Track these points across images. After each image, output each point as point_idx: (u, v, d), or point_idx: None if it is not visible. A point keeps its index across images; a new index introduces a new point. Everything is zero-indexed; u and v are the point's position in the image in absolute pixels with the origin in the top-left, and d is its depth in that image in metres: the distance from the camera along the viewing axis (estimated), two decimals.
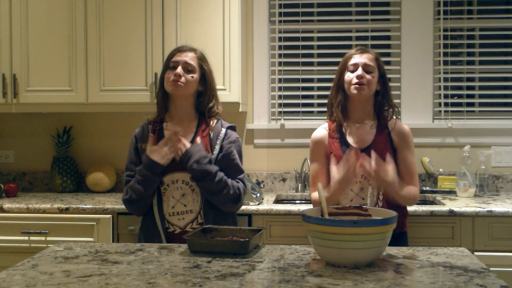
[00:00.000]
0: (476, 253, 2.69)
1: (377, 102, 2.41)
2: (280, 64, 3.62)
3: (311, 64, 3.65)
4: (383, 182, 2.23)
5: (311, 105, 3.65)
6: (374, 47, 3.49)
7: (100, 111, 3.39)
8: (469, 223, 2.81)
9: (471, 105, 3.58)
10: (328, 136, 2.42)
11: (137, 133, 2.38)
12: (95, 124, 3.65)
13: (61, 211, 2.96)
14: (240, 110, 3.26)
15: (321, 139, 2.43)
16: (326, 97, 2.55)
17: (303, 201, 3.37)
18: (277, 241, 2.83)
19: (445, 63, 3.54)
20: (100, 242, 2.84)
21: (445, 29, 3.52)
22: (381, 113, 2.43)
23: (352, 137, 2.38)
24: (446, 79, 3.55)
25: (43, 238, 2.94)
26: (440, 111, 3.54)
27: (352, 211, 1.80)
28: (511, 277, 2.57)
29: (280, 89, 3.62)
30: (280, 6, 3.60)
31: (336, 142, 2.38)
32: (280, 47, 3.61)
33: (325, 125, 2.47)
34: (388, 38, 3.61)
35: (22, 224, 2.95)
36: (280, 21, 3.60)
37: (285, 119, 3.58)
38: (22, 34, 3.27)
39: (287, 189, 3.56)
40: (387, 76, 2.44)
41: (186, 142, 2.24)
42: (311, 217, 1.61)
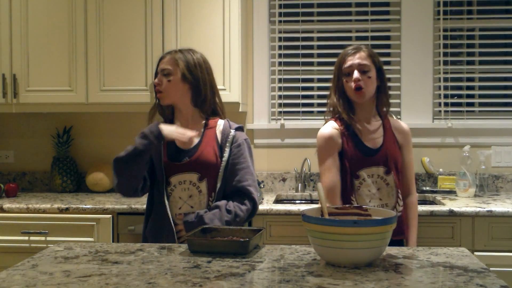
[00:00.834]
0: (476, 253, 2.69)
1: (378, 98, 2.40)
2: (280, 64, 3.62)
3: (311, 64, 3.65)
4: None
5: (311, 105, 3.65)
6: (374, 47, 3.49)
7: (100, 111, 3.39)
8: (469, 223, 2.81)
9: (471, 105, 3.58)
10: (340, 135, 2.35)
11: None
12: (95, 124, 3.65)
13: (61, 211, 2.96)
14: (240, 110, 3.26)
15: (333, 136, 2.35)
16: (326, 97, 2.54)
17: (303, 201, 3.37)
18: (277, 241, 2.83)
19: (445, 63, 3.54)
20: (100, 242, 2.84)
21: (445, 29, 3.52)
22: (381, 110, 2.42)
23: (363, 136, 2.36)
24: (446, 79, 3.55)
25: (43, 238, 2.94)
26: (440, 111, 3.54)
27: (352, 211, 1.80)
28: (511, 277, 2.57)
29: (280, 89, 3.62)
30: (280, 6, 3.61)
31: (350, 141, 2.34)
32: (280, 47, 3.61)
33: (333, 123, 2.40)
34: (388, 38, 3.61)
35: (22, 224, 2.95)
36: (280, 21, 3.60)
37: (285, 119, 3.58)
38: (22, 34, 3.27)
39: (287, 189, 3.56)
40: (385, 72, 2.41)
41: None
42: (311, 217, 1.61)
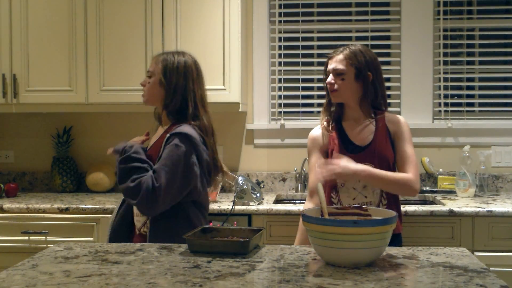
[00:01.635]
0: (476, 253, 2.69)
1: (366, 98, 2.36)
2: (280, 64, 3.62)
3: (311, 64, 3.65)
4: (349, 175, 2.23)
5: (311, 105, 3.65)
6: (374, 47, 3.49)
7: (100, 111, 3.40)
8: (469, 223, 2.81)
9: (471, 105, 3.58)
10: (328, 134, 2.41)
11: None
12: (95, 124, 3.65)
13: (61, 211, 2.96)
14: (240, 110, 3.26)
15: (316, 136, 2.45)
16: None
17: (303, 201, 3.36)
18: (277, 241, 2.83)
19: (445, 63, 3.54)
20: (100, 242, 2.84)
21: (445, 29, 3.52)
22: (377, 108, 2.40)
23: (352, 134, 2.38)
24: (446, 79, 3.55)
25: (43, 238, 2.94)
26: (440, 111, 3.54)
27: (352, 211, 1.79)
28: (511, 277, 2.57)
29: (280, 89, 3.62)
30: (280, 6, 3.60)
31: (336, 139, 2.38)
32: (280, 47, 3.61)
33: (322, 124, 2.48)
34: (388, 38, 3.61)
35: (22, 224, 2.95)
36: (280, 21, 3.60)
37: (285, 119, 3.58)
38: (22, 34, 3.27)
39: (287, 189, 3.56)
40: (382, 71, 2.39)
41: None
42: (311, 217, 1.61)
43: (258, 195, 3.02)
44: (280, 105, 3.62)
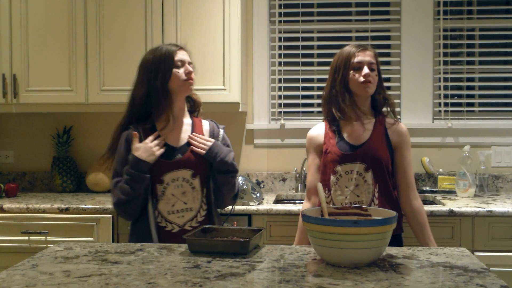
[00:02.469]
0: (476, 253, 2.69)
1: (374, 99, 2.43)
2: (280, 64, 3.62)
3: (311, 64, 3.65)
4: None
5: (311, 105, 3.65)
6: (374, 47, 3.48)
7: (100, 111, 3.39)
8: (469, 223, 2.81)
9: (471, 105, 3.58)
10: (324, 133, 2.43)
11: (128, 135, 2.28)
12: (95, 124, 3.65)
13: (61, 211, 2.96)
14: (240, 110, 3.26)
15: (313, 136, 2.48)
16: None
17: (303, 201, 3.37)
18: (277, 241, 2.83)
19: (445, 63, 3.54)
20: (100, 242, 2.84)
21: (445, 29, 3.52)
22: (379, 110, 2.43)
23: (348, 133, 2.39)
24: (446, 79, 3.55)
25: (43, 238, 2.94)
26: (440, 111, 3.54)
27: (352, 211, 1.80)
28: (511, 277, 2.57)
29: (280, 89, 3.62)
30: (280, 6, 3.61)
31: (332, 139, 2.39)
32: (280, 47, 3.61)
33: (321, 123, 2.50)
34: (388, 38, 3.61)
35: (22, 224, 2.95)
36: (280, 21, 3.60)
37: (285, 119, 3.58)
38: (22, 34, 3.27)
39: (287, 189, 3.56)
40: (386, 72, 2.48)
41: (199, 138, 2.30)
42: (311, 217, 1.61)
43: (258, 195, 3.01)
44: (280, 105, 3.62)
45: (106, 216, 2.93)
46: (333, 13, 3.61)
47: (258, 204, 2.96)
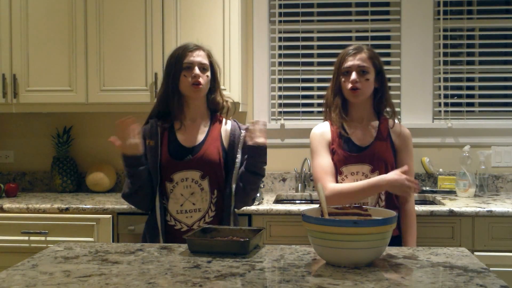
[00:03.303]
0: (476, 253, 2.69)
1: (376, 101, 2.40)
2: (280, 64, 3.62)
3: (311, 64, 3.65)
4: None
5: (311, 105, 3.65)
6: (374, 47, 3.48)
7: (100, 111, 3.39)
8: (469, 223, 2.81)
9: (471, 105, 3.58)
10: (330, 133, 2.39)
11: (145, 129, 2.32)
12: (95, 124, 3.65)
13: (61, 211, 2.96)
14: (240, 110, 3.26)
15: (323, 132, 2.40)
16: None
17: (303, 201, 3.37)
18: (277, 241, 2.83)
19: (445, 63, 3.54)
20: (100, 242, 2.84)
21: (445, 29, 3.52)
22: (381, 112, 2.42)
23: (354, 135, 2.38)
24: (446, 79, 3.55)
25: (43, 238, 2.94)
26: (440, 111, 3.54)
27: (352, 211, 1.79)
28: (511, 277, 2.57)
29: (280, 89, 3.62)
30: (280, 6, 3.61)
31: (338, 139, 2.37)
32: (280, 47, 3.61)
33: (325, 123, 2.45)
34: (388, 38, 3.61)
35: (22, 224, 2.95)
36: (280, 21, 3.60)
37: (285, 119, 3.58)
38: (22, 34, 3.27)
39: (287, 189, 3.56)
40: (385, 72, 2.41)
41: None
42: (311, 217, 1.61)
43: (258, 195, 3.01)
44: (280, 105, 3.62)
45: (106, 216, 2.93)
46: (333, 13, 3.61)
47: (258, 204, 2.96)
